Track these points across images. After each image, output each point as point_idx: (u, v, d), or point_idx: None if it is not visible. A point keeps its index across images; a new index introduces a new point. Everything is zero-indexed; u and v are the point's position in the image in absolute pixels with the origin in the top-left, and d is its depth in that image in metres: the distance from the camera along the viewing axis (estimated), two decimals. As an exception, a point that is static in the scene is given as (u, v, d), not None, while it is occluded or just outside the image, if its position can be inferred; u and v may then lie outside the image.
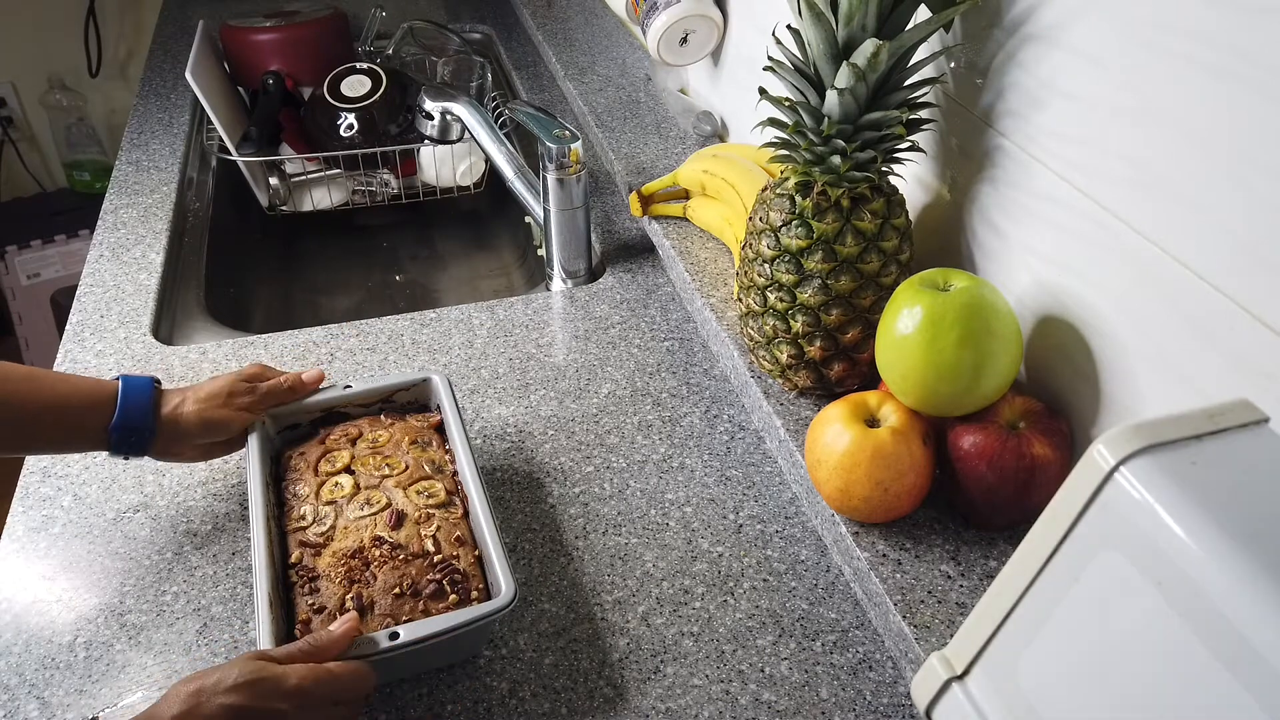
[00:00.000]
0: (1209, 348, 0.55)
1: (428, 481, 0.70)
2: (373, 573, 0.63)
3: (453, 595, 0.62)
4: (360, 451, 0.72)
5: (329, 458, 0.72)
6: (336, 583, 0.63)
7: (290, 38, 1.37)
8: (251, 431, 0.73)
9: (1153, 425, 0.42)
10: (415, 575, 0.63)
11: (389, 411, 0.78)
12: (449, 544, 0.65)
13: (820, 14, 0.64)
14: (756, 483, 0.80)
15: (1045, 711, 0.45)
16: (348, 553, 0.64)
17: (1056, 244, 0.66)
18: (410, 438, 0.73)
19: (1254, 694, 0.36)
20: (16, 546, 0.74)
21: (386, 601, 0.62)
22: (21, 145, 2.34)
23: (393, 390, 0.78)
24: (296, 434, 0.77)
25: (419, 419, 0.76)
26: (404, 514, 0.67)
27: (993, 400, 0.66)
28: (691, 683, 0.65)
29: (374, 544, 0.65)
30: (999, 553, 0.67)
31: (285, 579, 0.65)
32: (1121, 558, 0.41)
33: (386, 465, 0.71)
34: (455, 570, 0.64)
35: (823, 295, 0.73)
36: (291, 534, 0.68)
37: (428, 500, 0.68)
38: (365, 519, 0.67)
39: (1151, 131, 0.56)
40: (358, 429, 0.75)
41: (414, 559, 0.64)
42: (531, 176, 1.08)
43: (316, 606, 0.62)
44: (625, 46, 1.45)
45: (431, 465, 0.71)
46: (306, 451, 0.73)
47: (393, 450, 0.72)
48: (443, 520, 0.67)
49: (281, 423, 0.76)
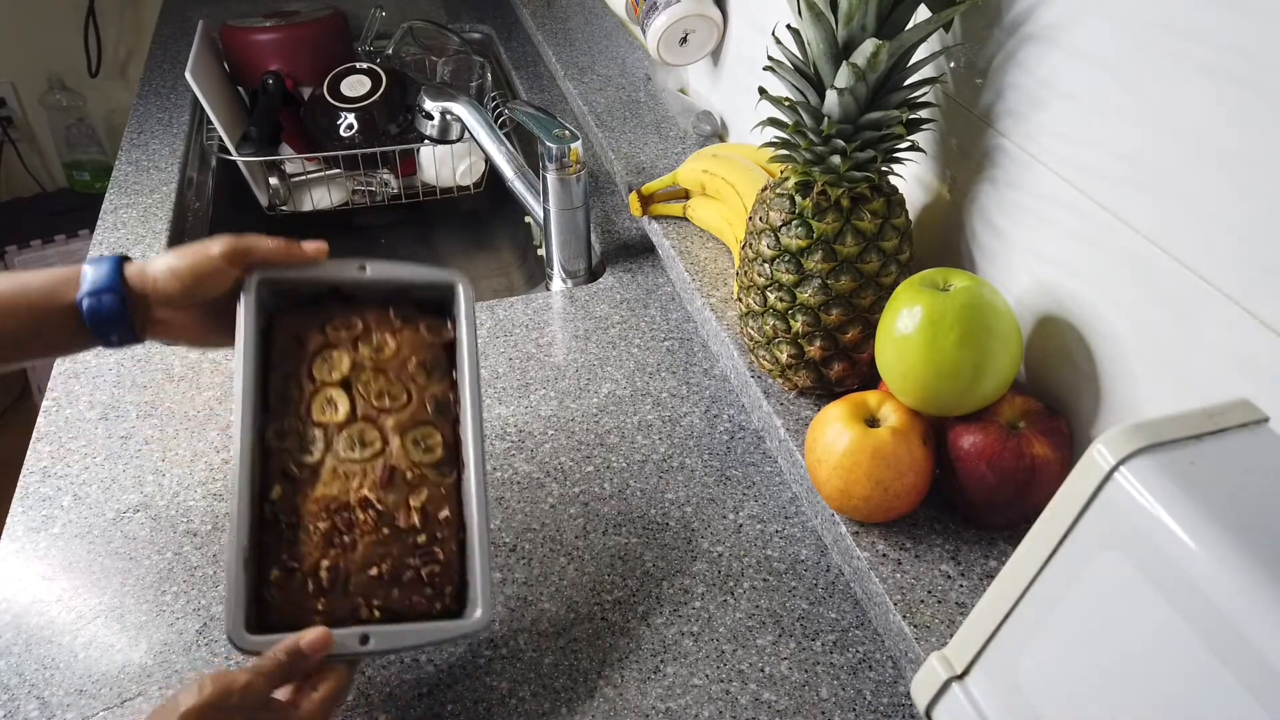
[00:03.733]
0: (1209, 348, 0.55)
1: (428, 429, 0.64)
2: (353, 540, 0.60)
3: (428, 588, 0.60)
4: (363, 359, 0.65)
5: (327, 357, 0.65)
6: (315, 540, 0.60)
7: (290, 38, 1.37)
8: (244, 302, 0.64)
9: (1153, 425, 0.42)
10: (397, 557, 0.60)
11: (401, 309, 0.68)
12: (435, 522, 0.62)
13: (820, 14, 0.64)
14: (756, 483, 0.80)
15: (1045, 711, 0.45)
16: (332, 504, 0.60)
17: (1056, 244, 0.66)
18: (418, 358, 0.66)
19: (1254, 694, 0.36)
20: (16, 546, 0.74)
21: (362, 580, 0.60)
22: (21, 145, 2.34)
23: (410, 284, 0.69)
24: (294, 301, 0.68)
25: (432, 330, 0.68)
26: (396, 471, 0.62)
27: (993, 400, 0.66)
28: (691, 683, 0.65)
29: (361, 505, 0.61)
30: (999, 553, 0.67)
31: (261, 513, 0.61)
32: (1121, 557, 0.41)
33: (388, 395, 0.64)
34: (435, 560, 0.61)
35: (823, 295, 0.73)
36: (275, 454, 0.62)
37: (424, 455, 0.63)
38: (356, 465, 0.62)
39: (1151, 131, 0.56)
40: (363, 323, 0.67)
41: (398, 535, 0.61)
42: (531, 176, 1.08)
43: (289, 565, 0.59)
44: (625, 46, 1.45)
45: (435, 404, 0.65)
46: (303, 335, 0.66)
47: (397, 372, 0.65)
48: (434, 488, 0.63)
49: (277, 288, 0.66)
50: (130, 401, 0.87)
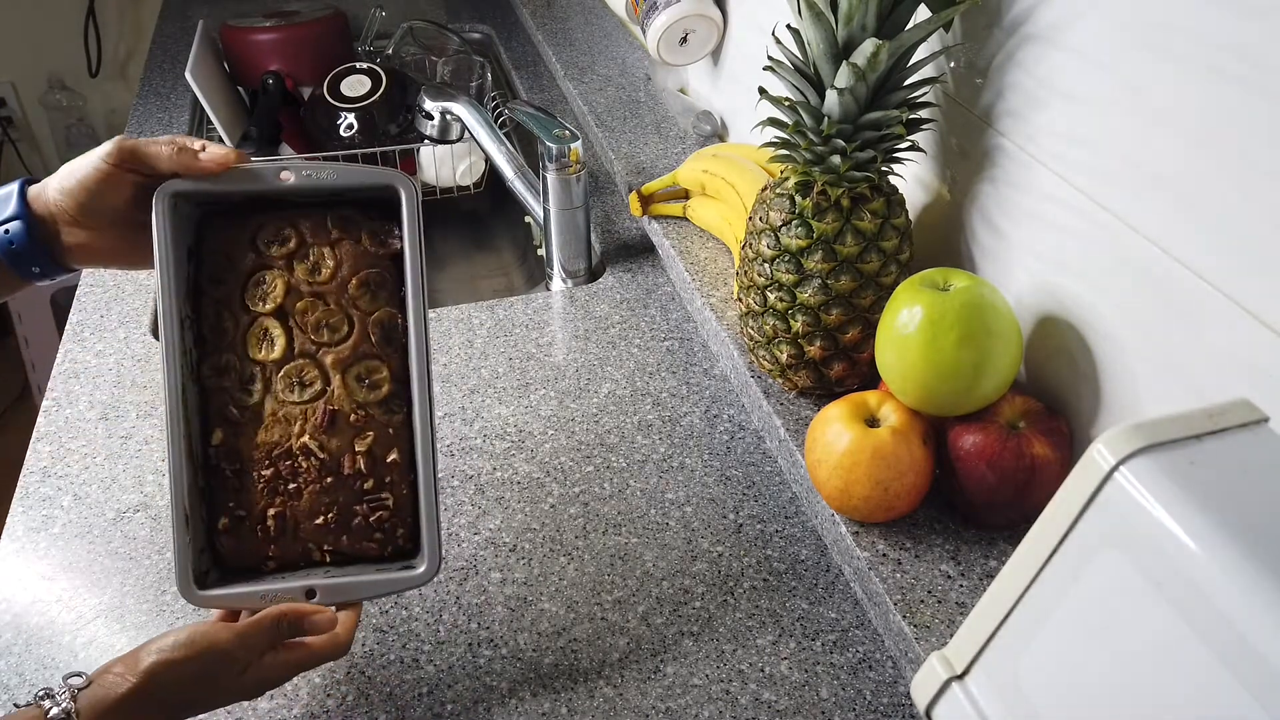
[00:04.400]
0: (1209, 347, 0.55)
1: (373, 363, 0.61)
2: (297, 489, 0.59)
3: (378, 534, 0.60)
4: (298, 282, 0.61)
5: (260, 281, 0.60)
6: (259, 489, 0.59)
7: (290, 38, 1.37)
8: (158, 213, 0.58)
9: (1152, 425, 0.42)
10: (343, 504, 0.60)
11: (339, 215, 0.62)
12: (383, 466, 0.60)
13: (820, 14, 0.64)
14: (756, 482, 0.80)
15: (1045, 711, 0.45)
16: (274, 450, 0.59)
17: (1056, 244, 0.66)
18: (360, 277, 0.61)
19: (1254, 694, 0.36)
20: (16, 546, 0.74)
21: (310, 527, 0.60)
22: (21, 145, 2.34)
23: (345, 190, 0.62)
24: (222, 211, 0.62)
25: (374, 240, 0.62)
26: (339, 414, 0.60)
27: (993, 400, 0.66)
28: (691, 683, 0.65)
29: (303, 453, 0.59)
30: (999, 553, 0.67)
31: (205, 459, 0.60)
32: (1121, 557, 0.41)
33: (328, 327, 0.60)
34: (384, 506, 0.60)
35: (823, 295, 0.73)
36: (214, 393, 0.60)
37: (368, 393, 0.60)
38: (296, 408, 0.60)
39: (1151, 131, 0.56)
40: (297, 235, 0.61)
41: (344, 481, 0.60)
42: (531, 176, 1.08)
43: (237, 514, 0.59)
44: (625, 46, 1.45)
45: (380, 331, 0.61)
46: (233, 254, 0.61)
47: (336, 295, 0.61)
48: (381, 429, 0.60)
49: (197, 199, 0.61)
50: (130, 401, 0.87)
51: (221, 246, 0.61)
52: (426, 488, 0.60)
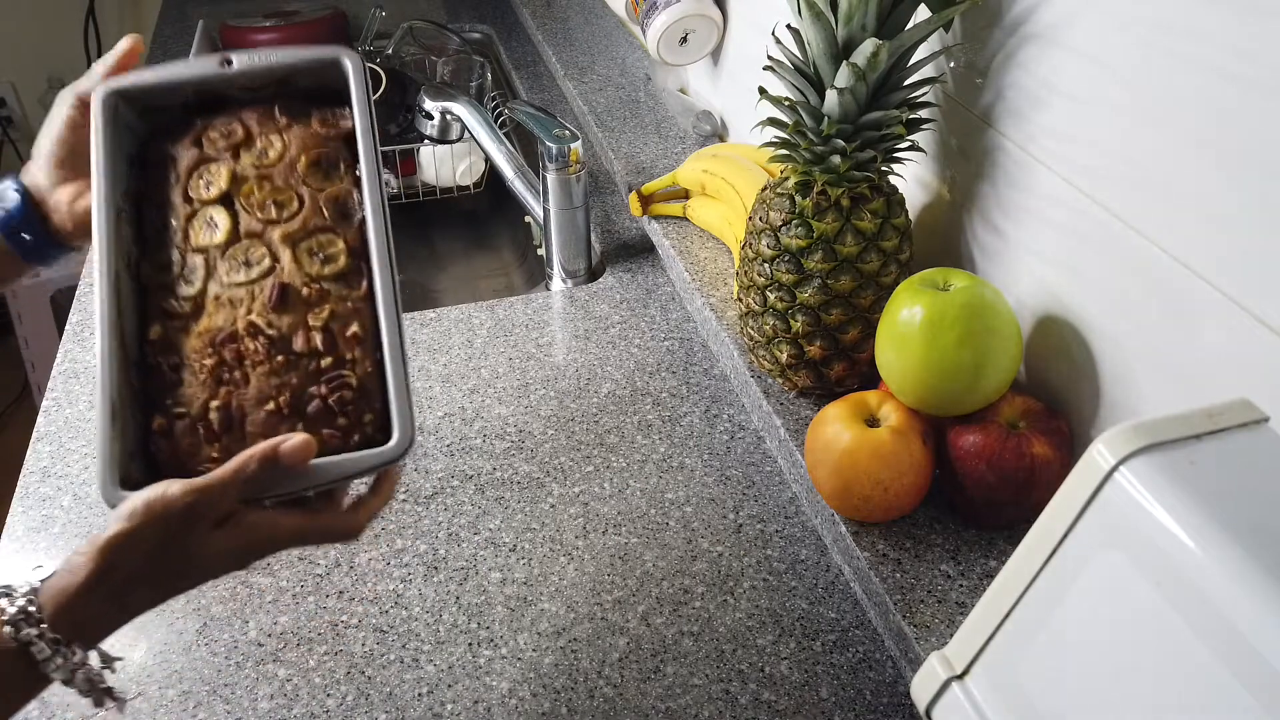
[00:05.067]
0: (1209, 348, 0.55)
1: (327, 236, 0.56)
2: (244, 374, 0.52)
3: (341, 418, 0.52)
4: (244, 170, 0.57)
5: (204, 172, 0.56)
6: (200, 380, 0.52)
7: (290, 37, 1.37)
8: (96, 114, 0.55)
9: (1152, 425, 0.42)
10: (296, 385, 0.52)
11: (286, 102, 0.59)
12: (343, 340, 0.53)
13: (820, 14, 0.64)
14: (756, 482, 0.80)
15: (1045, 711, 0.45)
16: (218, 336, 0.53)
17: (1056, 244, 0.66)
18: (310, 156, 0.57)
19: (1254, 694, 0.36)
20: (16, 546, 0.74)
21: (259, 417, 0.52)
22: (21, 145, 2.34)
23: (288, 69, 0.58)
24: (164, 121, 0.59)
25: (324, 123, 0.59)
26: (289, 288, 0.54)
27: (992, 400, 0.66)
28: (691, 682, 0.65)
29: (249, 333, 0.53)
30: (999, 552, 0.67)
31: (142, 359, 0.54)
32: (1121, 557, 0.41)
33: (274, 203, 0.56)
34: (346, 385, 0.53)
35: (822, 295, 0.73)
36: (153, 292, 0.55)
37: (323, 267, 0.55)
38: (242, 289, 0.54)
39: (1151, 131, 0.56)
40: (244, 128, 0.58)
41: (297, 361, 0.53)
42: (531, 176, 1.08)
43: (178, 410, 0.52)
44: (625, 46, 1.45)
45: (334, 206, 0.56)
46: (176, 154, 0.57)
47: (285, 176, 0.57)
48: (338, 301, 0.54)
49: (139, 104, 0.57)
50: (130, 401, 0.87)
51: (165, 149, 0.58)
52: (394, 362, 0.53)
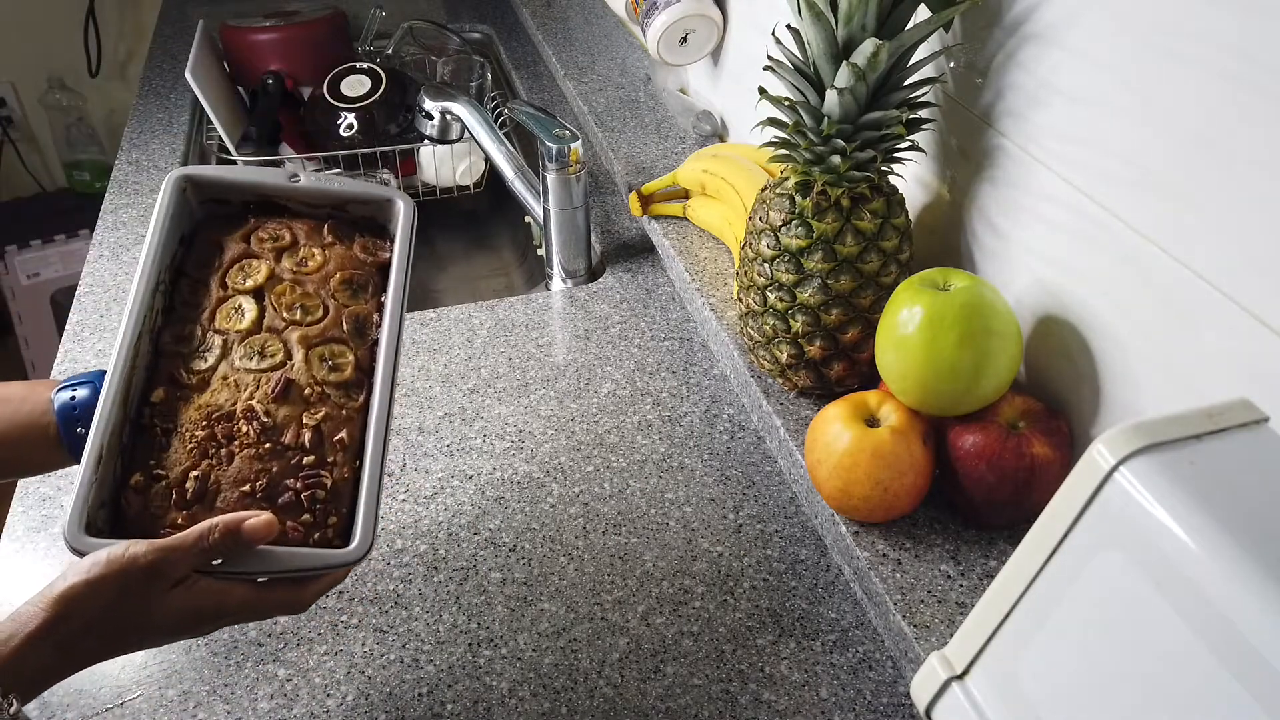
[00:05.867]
0: (1209, 348, 0.55)
1: (341, 347, 0.59)
2: (229, 453, 0.54)
3: (306, 514, 0.53)
4: (282, 271, 0.60)
5: (244, 266, 0.60)
6: (187, 448, 0.54)
7: (290, 37, 1.37)
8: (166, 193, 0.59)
9: (1152, 425, 0.42)
10: (276, 474, 0.54)
11: (336, 223, 0.64)
12: (329, 444, 0.55)
13: (820, 14, 0.64)
14: (756, 482, 0.80)
15: (1045, 711, 0.45)
16: (215, 412, 0.55)
17: (1056, 244, 0.66)
18: (344, 274, 0.61)
19: (1254, 694, 0.36)
20: (16, 546, 0.74)
21: (232, 496, 0.53)
22: (21, 145, 2.34)
23: (347, 198, 0.64)
24: (222, 213, 0.63)
25: (366, 249, 0.64)
26: (294, 384, 0.56)
27: (992, 400, 0.66)
28: (691, 682, 0.65)
29: (245, 416, 0.54)
30: (999, 552, 0.67)
31: (139, 418, 0.55)
32: (1121, 557, 0.41)
33: (301, 307, 0.59)
34: (320, 485, 0.54)
35: (822, 295, 0.73)
36: (167, 358, 0.57)
37: (329, 373, 0.57)
38: (250, 375, 0.56)
39: (1151, 131, 0.56)
40: (291, 235, 0.62)
41: (282, 452, 0.54)
42: (531, 176, 1.08)
43: (156, 473, 0.53)
44: (625, 46, 1.45)
45: (354, 322, 0.60)
46: (225, 242, 0.61)
47: (318, 286, 0.60)
48: (335, 408, 0.56)
49: (207, 193, 0.62)
50: (130, 401, 0.87)
51: (214, 235, 0.61)
52: (371, 477, 0.55)
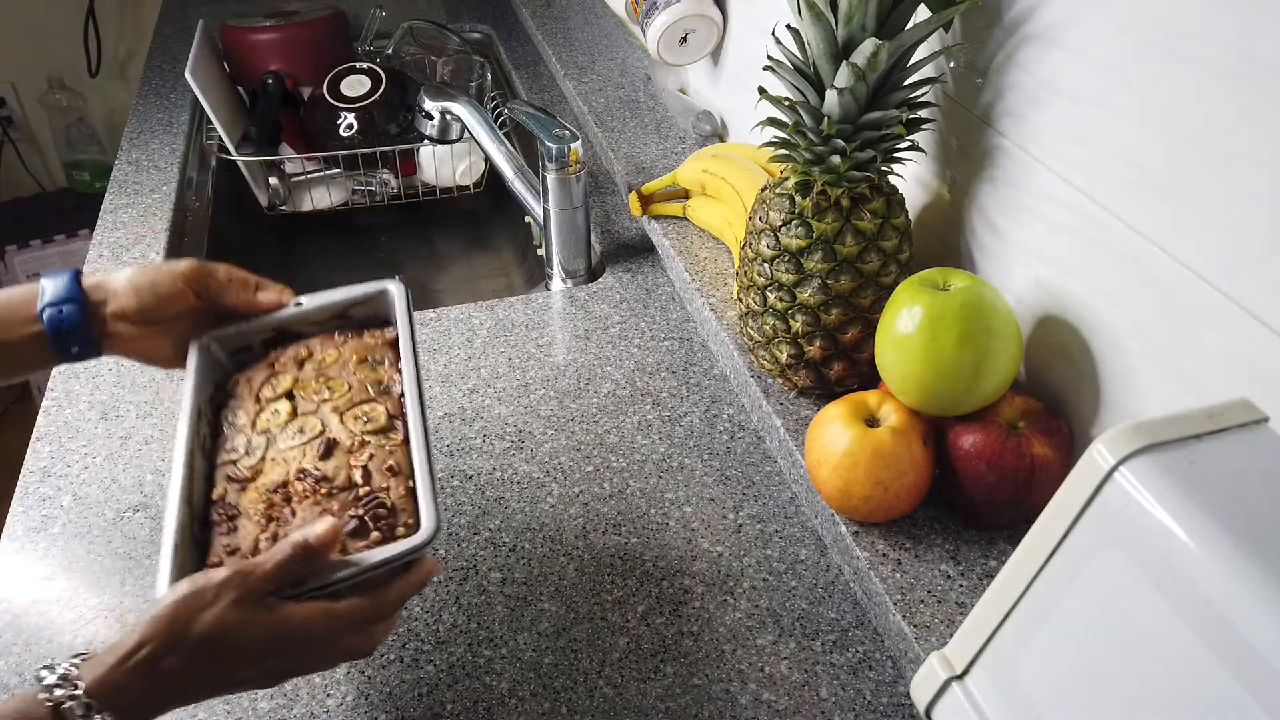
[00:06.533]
0: (1209, 348, 0.55)
1: (369, 405, 0.65)
2: (292, 509, 0.59)
3: (375, 532, 0.58)
4: (305, 375, 0.67)
5: (272, 382, 0.67)
6: (254, 520, 0.59)
7: (290, 37, 1.37)
8: (192, 353, 0.67)
9: (1152, 425, 0.42)
10: (337, 510, 0.58)
11: (345, 328, 0.71)
12: (380, 474, 0.60)
13: (820, 14, 0.64)
14: (756, 482, 0.80)
15: (1045, 711, 0.45)
16: (272, 487, 0.60)
17: (1056, 244, 0.66)
18: (360, 356, 0.68)
19: (1254, 694, 0.36)
20: (16, 546, 0.74)
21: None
22: (21, 145, 2.34)
23: (347, 304, 0.71)
24: (249, 357, 0.70)
25: (374, 335, 0.70)
26: (335, 442, 0.62)
27: (992, 400, 0.66)
28: (691, 682, 0.65)
29: (298, 477, 0.60)
30: (999, 552, 0.67)
31: (206, 517, 0.60)
32: (1121, 557, 0.41)
33: (327, 388, 0.65)
34: (381, 504, 0.59)
35: (822, 295, 0.73)
36: (221, 467, 0.63)
37: (365, 426, 0.63)
38: (295, 449, 0.62)
39: (1151, 131, 0.56)
40: (309, 349, 0.69)
41: (339, 492, 0.59)
42: (531, 176, 1.08)
43: (231, 548, 0.58)
44: (625, 46, 1.45)
45: (377, 386, 0.66)
46: (252, 376, 0.68)
47: (338, 371, 0.67)
48: (378, 448, 0.62)
49: (230, 345, 0.69)
50: (130, 401, 0.87)
51: (244, 376, 0.68)
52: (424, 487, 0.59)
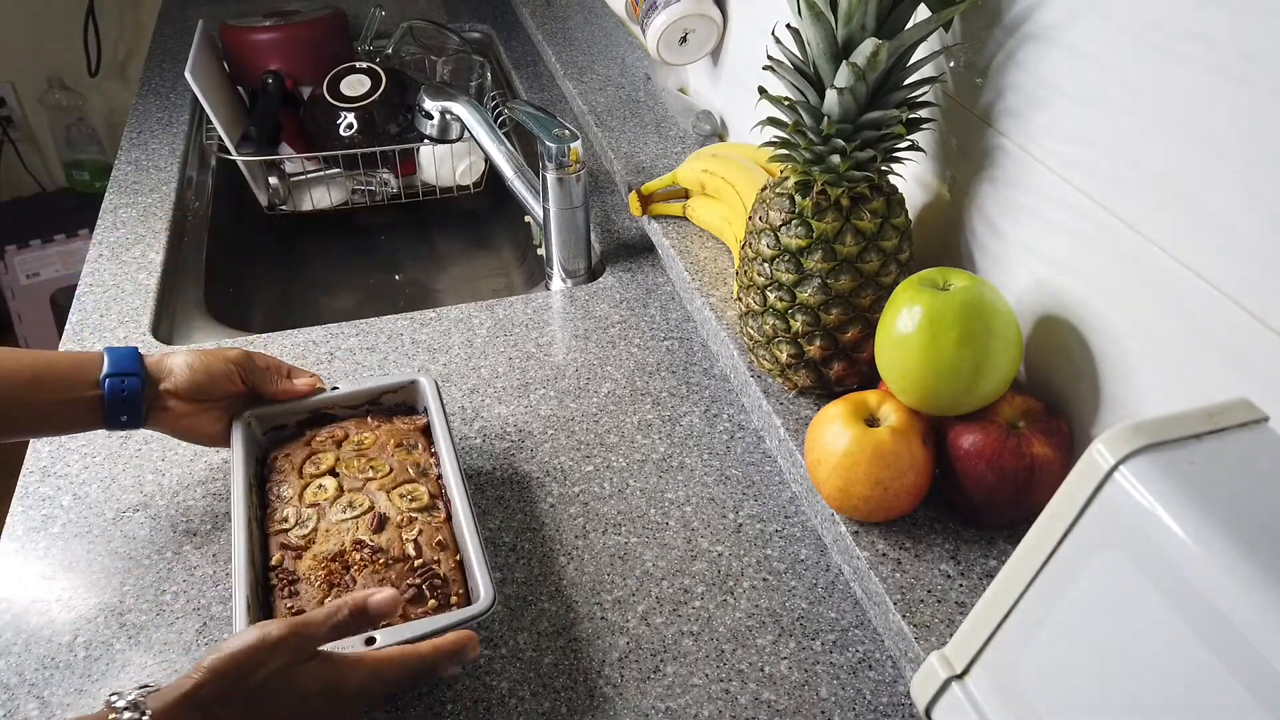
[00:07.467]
0: (1209, 347, 0.55)
1: (411, 485, 0.70)
2: (353, 576, 0.63)
3: (432, 600, 0.63)
4: (345, 454, 0.73)
5: (314, 460, 0.73)
6: (316, 586, 0.63)
7: (290, 37, 1.37)
8: (236, 430, 0.73)
9: (1152, 424, 0.42)
10: (395, 579, 0.63)
11: (376, 413, 0.78)
12: (430, 548, 0.66)
13: (820, 13, 0.64)
14: (756, 482, 0.80)
15: (1045, 711, 0.45)
16: (328, 556, 0.65)
17: (1056, 244, 0.66)
18: (396, 440, 0.74)
19: (1254, 694, 0.36)
20: (16, 546, 0.74)
21: None
22: (21, 145, 2.34)
23: (380, 392, 0.78)
24: (283, 435, 0.77)
25: (405, 421, 0.77)
26: (386, 517, 0.67)
27: (992, 400, 0.66)
28: (691, 682, 0.65)
29: (355, 547, 0.65)
30: (999, 552, 0.67)
31: (265, 581, 0.65)
32: (1121, 557, 0.41)
33: (370, 468, 0.71)
34: (435, 575, 0.64)
35: (822, 295, 0.73)
36: (273, 536, 0.68)
37: (410, 504, 0.69)
38: (347, 522, 0.67)
39: (1151, 131, 0.56)
40: (344, 430, 0.75)
41: (394, 563, 0.64)
42: (531, 176, 1.08)
43: (295, 610, 0.62)
44: (625, 46, 1.45)
45: (416, 469, 0.72)
46: (292, 453, 0.74)
47: (378, 453, 0.73)
48: (425, 524, 0.67)
49: (268, 424, 0.76)
50: (130, 401, 0.87)
51: (283, 452, 0.74)
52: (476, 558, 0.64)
